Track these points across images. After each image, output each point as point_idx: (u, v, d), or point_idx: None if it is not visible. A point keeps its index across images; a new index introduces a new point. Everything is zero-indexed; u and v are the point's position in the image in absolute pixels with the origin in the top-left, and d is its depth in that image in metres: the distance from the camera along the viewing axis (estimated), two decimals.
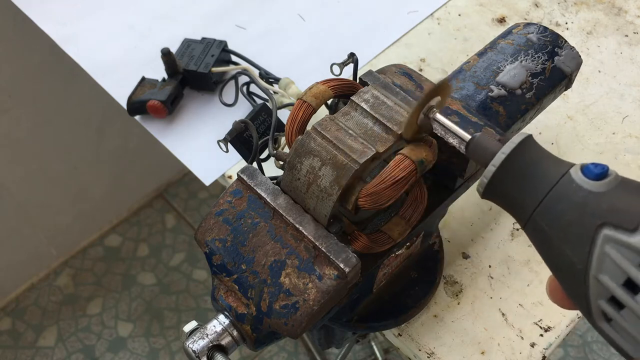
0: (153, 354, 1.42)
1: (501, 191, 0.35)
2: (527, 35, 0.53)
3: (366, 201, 0.39)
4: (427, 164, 0.40)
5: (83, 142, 1.36)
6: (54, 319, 1.46)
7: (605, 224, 0.31)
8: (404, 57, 0.76)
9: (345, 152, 0.39)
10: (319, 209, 0.40)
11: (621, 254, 0.30)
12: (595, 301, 0.32)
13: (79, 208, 1.47)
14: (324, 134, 0.40)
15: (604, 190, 0.32)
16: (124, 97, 0.71)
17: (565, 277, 0.33)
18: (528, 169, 0.34)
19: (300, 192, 0.41)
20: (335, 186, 0.39)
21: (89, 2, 0.84)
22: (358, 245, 0.42)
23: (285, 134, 0.43)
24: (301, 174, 0.40)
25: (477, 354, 0.55)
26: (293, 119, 0.43)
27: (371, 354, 1.33)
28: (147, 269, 1.53)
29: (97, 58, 0.78)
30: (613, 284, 0.31)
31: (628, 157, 0.66)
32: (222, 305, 0.42)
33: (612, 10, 0.79)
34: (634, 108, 0.70)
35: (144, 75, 0.72)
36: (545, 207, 0.33)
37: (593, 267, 0.31)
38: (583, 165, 0.33)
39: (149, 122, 0.71)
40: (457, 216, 0.63)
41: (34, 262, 1.49)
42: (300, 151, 0.41)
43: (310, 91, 0.43)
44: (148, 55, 0.77)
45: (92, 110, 1.31)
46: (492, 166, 0.35)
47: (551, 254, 0.33)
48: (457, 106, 0.46)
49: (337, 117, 0.42)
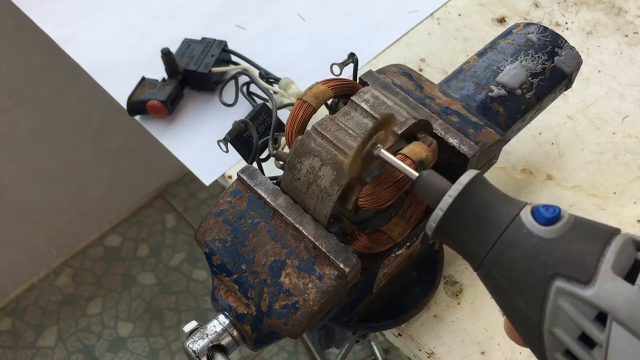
0: (153, 354, 1.42)
1: (450, 234, 0.33)
2: (527, 35, 0.53)
3: (366, 201, 0.39)
4: (427, 163, 0.40)
5: (83, 142, 1.36)
6: (54, 319, 1.46)
7: (558, 275, 0.29)
8: (404, 57, 0.76)
9: (345, 152, 0.39)
10: (319, 209, 0.40)
11: (575, 308, 0.29)
12: (550, 353, 0.30)
13: (79, 208, 1.47)
14: (324, 134, 0.40)
15: (556, 236, 0.30)
16: (123, 97, 0.71)
17: (520, 327, 0.32)
18: (477, 212, 0.32)
19: (300, 192, 0.41)
20: (335, 186, 0.39)
21: (89, 2, 0.84)
22: (358, 245, 0.42)
23: (285, 134, 0.43)
24: (301, 174, 0.40)
25: (477, 354, 0.55)
26: (293, 119, 0.43)
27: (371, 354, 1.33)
28: (147, 269, 1.53)
29: (97, 58, 0.78)
30: (568, 338, 0.29)
31: (628, 157, 0.66)
32: (222, 305, 0.42)
33: (612, 10, 0.79)
34: (634, 108, 0.70)
35: (144, 76, 0.72)
36: (495, 253, 0.31)
37: (547, 320, 0.30)
38: (534, 207, 0.31)
39: (149, 122, 0.71)
40: None
41: (34, 262, 1.49)
42: (300, 151, 0.41)
43: (310, 91, 0.43)
44: (148, 55, 0.77)
45: (92, 110, 1.31)
46: (440, 210, 0.33)
47: (504, 303, 0.32)
48: (457, 106, 0.46)
49: (337, 117, 0.42)
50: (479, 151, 0.43)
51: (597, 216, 0.62)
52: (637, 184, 0.64)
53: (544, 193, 0.64)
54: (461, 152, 0.43)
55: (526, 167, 0.66)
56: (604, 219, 0.62)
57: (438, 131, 0.44)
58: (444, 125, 0.44)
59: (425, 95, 0.46)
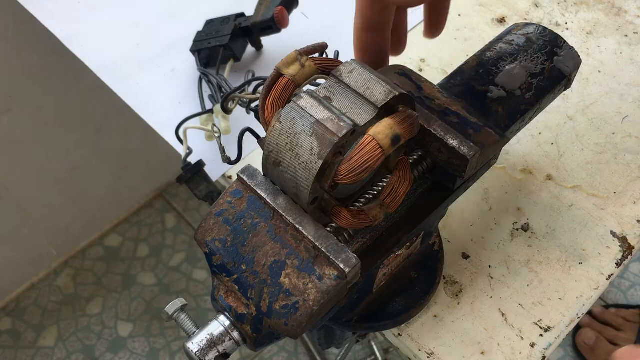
0: (153, 354, 1.42)
1: None
2: (527, 36, 0.53)
3: (345, 175, 0.39)
4: (402, 138, 0.39)
5: (83, 142, 1.36)
6: (54, 319, 1.47)
7: None
8: (403, 58, 0.76)
9: (325, 127, 0.39)
10: (303, 181, 0.40)
11: None
12: None
13: (79, 208, 1.47)
14: (303, 108, 0.39)
15: None
16: (128, 94, 0.71)
17: None
18: None
19: (283, 170, 0.40)
20: (316, 159, 0.38)
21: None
22: (342, 221, 0.41)
23: (260, 108, 0.42)
24: (284, 156, 0.40)
25: (477, 354, 0.55)
26: (272, 97, 0.42)
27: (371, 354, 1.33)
28: (147, 269, 1.53)
29: (100, 56, 0.78)
30: None
31: (628, 157, 0.66)
32: (222, 305, 0.42)
33: (612, 10, 0.79)
34: (634, 108, 0.70)
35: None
36: None
37: None
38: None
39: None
40: (457, 216, 0.63)
41: (34, 262, 1.49)
42: (281, 129, 0.40)
43: (289, 63, 0.42)
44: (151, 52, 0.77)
45: (92, 110, 1.31)
46: None
47: None
48: (456, 107, 0.46)
49: (317, 91, 0.41)
50: (479, 152, 0.43)
51: (597, 216, 0.62)
52: (637, 184, 0.64)
53: (544, 193, 0.64)
54: (461, 153, 0.43)
55: (526, 167, 0.66)
56: (604, 219, 0.62)
57: (438, 132, 0.43)
58: (444, 126, 0.44)
59: (425, 96, 0.46)
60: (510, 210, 0.63)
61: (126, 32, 0.80)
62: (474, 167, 0.46)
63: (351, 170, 0.38)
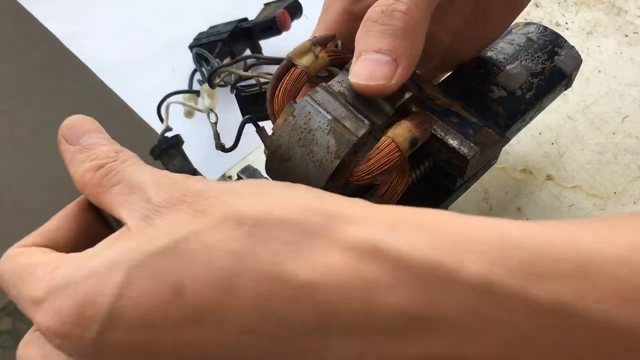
0: None
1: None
2: (527, 35, 0.53)
3: (360, 177, 0.39)
4: (419, 140, 0.39)
5: None
6: None
7: None
8: None
9: (343, 125, 0.38)
10: (315, 180, 0.39)
11: None
12: None
13: None
14: (320, 104, 0.39)
15: None
16: (127, 95, 0.71)
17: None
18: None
19: (296, 167, 0.40)
20: (333, 158, 0.38)
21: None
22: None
23: (268, 98, 0.41)
24: (295, 152, 0.39)
25: None
26: (283, 88, 0.41)
27: None
28: None
29: (100, 56, 0.79)
30: None
31: (628, 157, 0.66)
32: None
33: (612, 10, 0.79)
34: (634, 108, 0.70)
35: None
36: None
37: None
38: None
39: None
40: None
41: None
42: (294, 124, 0.39)
43: (302, 53, 0.42)
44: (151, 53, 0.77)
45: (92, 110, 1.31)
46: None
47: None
48: (456, 107, 0.46)
49: (331, 85, 0.40)
50: (479, 152, 0.43)
51: (597, 216, 0.62)
52: (637, 184, 0.64)
53: (544, 193, 0.64)
54: (461, 153, 0.43)
55: (526, 167, 0.66)
56: None
57: (438, 132, 0.43)
58: (444, 126, 0.44)
59: (425, 96, 0.46)
60: (510, 210, 0.63)
61: (126, 32, 0.80)
62: (474, 167, 0.46)
63: (369, 172, 0.38)
